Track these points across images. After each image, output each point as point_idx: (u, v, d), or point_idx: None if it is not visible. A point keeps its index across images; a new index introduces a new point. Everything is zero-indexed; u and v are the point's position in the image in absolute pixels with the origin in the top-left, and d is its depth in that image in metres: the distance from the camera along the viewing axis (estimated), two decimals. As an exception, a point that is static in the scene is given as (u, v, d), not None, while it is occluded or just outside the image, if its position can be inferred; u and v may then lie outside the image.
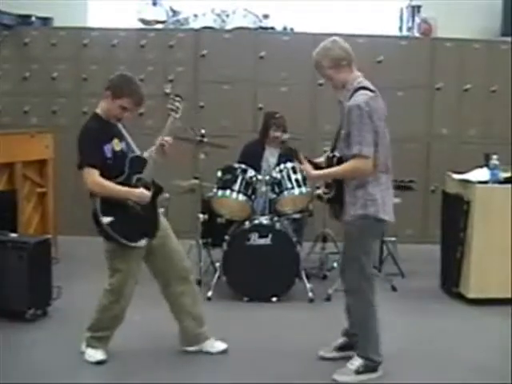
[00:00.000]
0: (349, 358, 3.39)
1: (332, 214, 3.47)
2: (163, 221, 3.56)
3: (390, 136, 3.34)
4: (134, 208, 3.32)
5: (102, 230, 3.29)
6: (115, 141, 3.36)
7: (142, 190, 3.32)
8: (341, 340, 3.57)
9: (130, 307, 3.46)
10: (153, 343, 3.74)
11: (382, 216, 3.25)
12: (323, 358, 3.53)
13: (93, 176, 3.25)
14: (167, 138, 3.43)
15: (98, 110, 3.42)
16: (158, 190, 3.44)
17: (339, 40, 3.31)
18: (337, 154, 3.32)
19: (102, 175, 3.27)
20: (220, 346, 3.63)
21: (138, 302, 3.51)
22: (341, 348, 3.55)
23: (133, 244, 3.33)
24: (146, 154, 3.45)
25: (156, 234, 3.42)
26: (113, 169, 3.30)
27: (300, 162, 3.42)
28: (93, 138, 3.31)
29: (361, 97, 3.18)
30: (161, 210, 3.59)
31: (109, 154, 3.32)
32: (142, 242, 3.37)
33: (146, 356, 3.56)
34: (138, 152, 3.48)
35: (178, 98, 3.52)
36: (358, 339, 3.37)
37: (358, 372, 3.30)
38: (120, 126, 3.47)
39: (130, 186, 3.32)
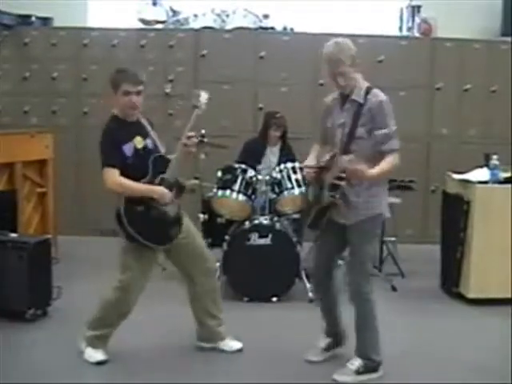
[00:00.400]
0: (336, 357, 3.44)
1: (320, 222, 3.33)
2: (186, 220, 3.54)
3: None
4: (157, 209, 3.32)
5: (124, 231, 3.29)
6: (137, 139, 3.36)
7: (162, 188, 3.31)
8: (326, 341, 3.58)
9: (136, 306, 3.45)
10: (154, 342, 3.74)
11: (387, 214, 3.33)
12: (310, 362, 3.51)
13: (112, 176, 3.26)
14: (191, 134, 3.38)
15: (115, 111, 3.41)
16: (181, 190, 3.42)
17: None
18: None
19: (124, 174, 3.27)
20: (235, 345, 3.65)
21: (144, 301, 3.49)
22: (327, 348, 3.56)
23: (153, 245, 3.33)
24: (171, 157, 3.42)
25: (178, 236, 3.42)
26: (135, 167, 3.30)
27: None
28: (110, 138, 3.32)
29: (382, 93, 3.20)
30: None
31: (129, 153, 3.32)
32: (163, 244, 3.39)
33: (148, 356, 3.56)
34: (163, 149, 3.47)
35: (201, 93, 3.45)
36: (357, 340, 3.36)
37: (358, 372, 3.30)
38: (145, 122, 3.47)
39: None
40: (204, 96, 3.43)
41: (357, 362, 3.32)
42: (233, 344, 3.65)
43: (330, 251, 3.45)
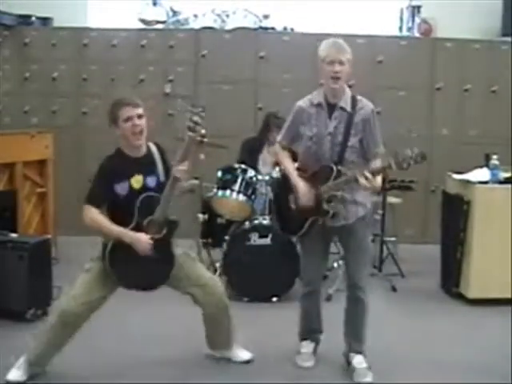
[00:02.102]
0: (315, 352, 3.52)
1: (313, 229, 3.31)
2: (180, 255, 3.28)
3: (388, 135, 3.38)
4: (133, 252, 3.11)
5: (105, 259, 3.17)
6: (135, 178, 3.17)
7: (138, 236, 3.09)
8: (312, 345, 3.57)
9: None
10: (153, 344, 3.75)
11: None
12: (305, 369, 3.48)
13: (89, 212, 3.14)
14: (181, 168, 3.08)
15: (122, 146, 3.24)
16: (171, 229, 3.17)
17: None
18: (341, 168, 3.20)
19: (116, 214, 3.14)
20: (244, 355, 3.54)
21: (142, 303, 3.49)
22: (314, 352, 3.57)
23: (127, 286, 3.20)
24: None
25: (159, 286, 3.24)
26: (129, 207, 3.11)
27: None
28: (101, 177, 3.18)
29: (367, 100, 3.26)
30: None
31: (122, 193, 3.15)
32: (135, 288, 3.23)
33: (145, 357, 3.57)
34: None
35: (199, 110, 3.08)
36: (358, 336, 3.36)
37: (369, 368, 3.31)
38: (155, 153, 3.25)
39: (141, 230, 3.11)
40: (198, 114, 3.07)
41: (361, 359, 3.33)
42: (242, 354, 3.54)
43: (322, 252, 3.46)
